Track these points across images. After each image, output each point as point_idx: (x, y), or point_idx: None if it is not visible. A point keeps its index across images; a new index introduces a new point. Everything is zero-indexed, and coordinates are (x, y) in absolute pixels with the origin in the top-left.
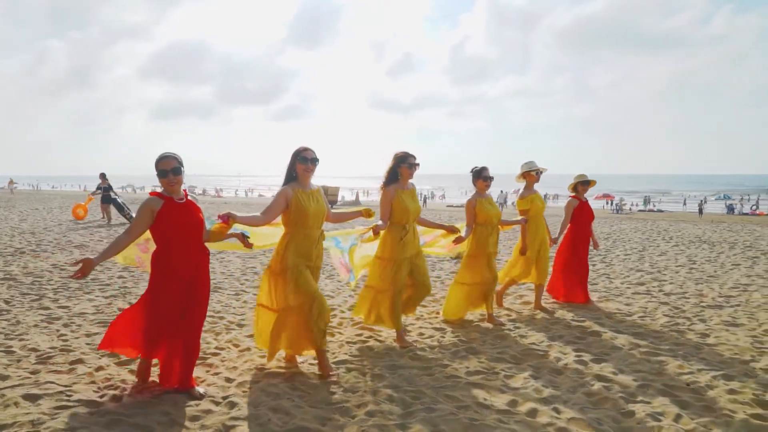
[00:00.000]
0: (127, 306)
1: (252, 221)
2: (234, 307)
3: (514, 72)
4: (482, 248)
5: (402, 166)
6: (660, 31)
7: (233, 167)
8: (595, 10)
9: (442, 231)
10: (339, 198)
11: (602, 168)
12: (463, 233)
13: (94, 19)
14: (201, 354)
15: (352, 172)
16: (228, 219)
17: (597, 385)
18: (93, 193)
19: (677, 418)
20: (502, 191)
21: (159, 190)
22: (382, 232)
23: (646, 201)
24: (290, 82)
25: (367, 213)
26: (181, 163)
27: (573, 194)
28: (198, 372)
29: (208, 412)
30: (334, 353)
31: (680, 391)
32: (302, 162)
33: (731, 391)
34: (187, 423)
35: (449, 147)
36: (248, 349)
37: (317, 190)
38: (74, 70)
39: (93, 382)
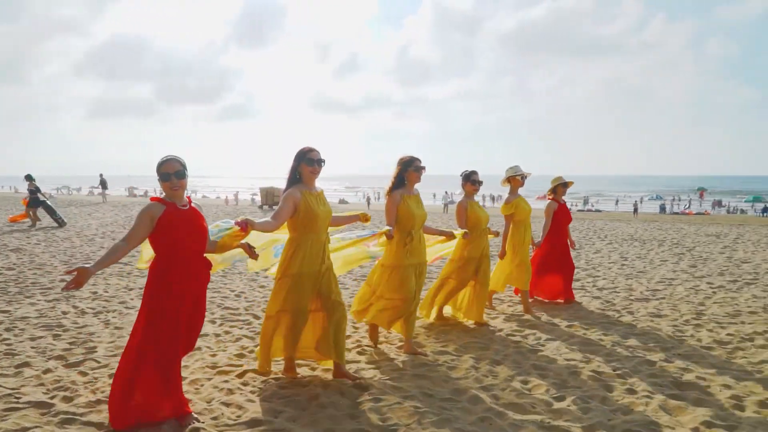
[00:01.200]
0: (72, 310)
1: (265, 227)
2: None
3: (458, 75)
4: (472, 252)
5: (409, 171)
6: (597, 37)
7: None
8: (536, 15)
9: (442, 237)
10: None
11: (544, 169)
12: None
13: (24, 11)
14: None
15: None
16: (246, 226)
17: (533, 373)
18: (27, 197)
19: (603, 400)
20: (447, 192)
21: (160, 195)
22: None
23: (585, 201)
24: (234, 82)
25: (364, 218)
26: (184, 167)
27: (552, 197)
28: None
29: None
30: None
31: (608, 377)
32: (309, 164)
33: (652, 375)
34: None
35: (395, 148)
36: (199, 348)
37: (322, 192)
38: (1, 64)
39: (42, 384)
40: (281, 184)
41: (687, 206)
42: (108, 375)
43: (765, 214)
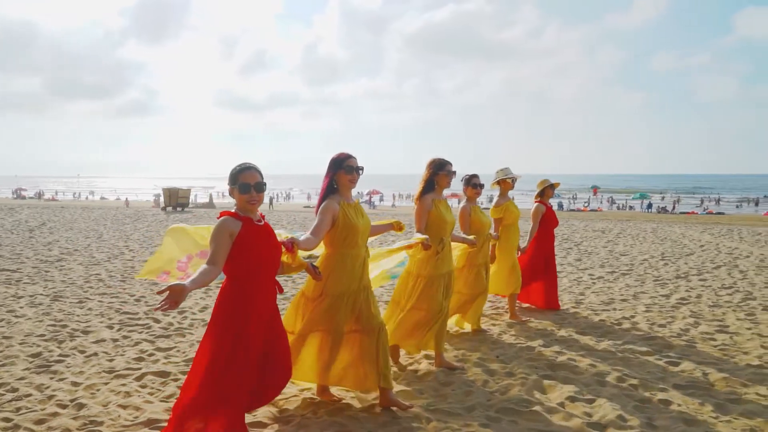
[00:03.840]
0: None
1: (307, 245)
2: (78, 315)
3: (366, 74)
4: (472, 259)
5: (440, 174)
6: (498, 41)
7: (71, 167)
8: (441, 18)
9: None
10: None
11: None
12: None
13: None
14: (44, 362)
15: (202, 173)
16: (293, 247)
17: (423, 362)
18: None
19: (484, 383)
20: (358, 192)
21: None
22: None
23: (490, 199)
24: (134, 77)
25: (399, 226)
26: (263, 177)
27: (539, 200)
28: (43, 379)
29: (55, 414)
30: (184, 351)
31: (490, 362)
32: (348, 172)
33: (530, 359)
34: (32, 426)
35: (302, 147)
36: (95, 354)
37: (358, 203)
38: None
39: None
40: (185, 184)
41: (586, 204)
42: None
43: (650, 210)
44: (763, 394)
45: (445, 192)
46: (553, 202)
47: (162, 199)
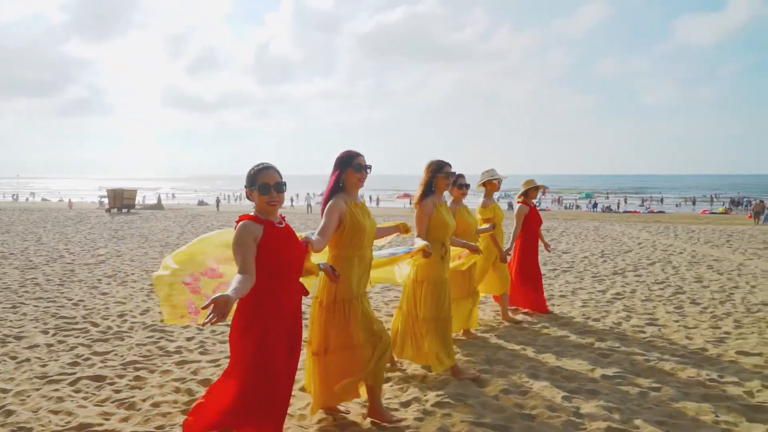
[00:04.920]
0: None
1: (318, 246)
2: (11, 320)
3: (319, 74)
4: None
5: (438, 177)
6: (450, 43)
7: (10, 167)
8: (393, 19)
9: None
10: (140, 201)
11: (402, 169)
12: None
13: None
14: None
15: (149, 173)
16: (306, 247)
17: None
18: None
19: (423, 379)
20: (309, 193)
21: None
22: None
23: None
24: (78, 74)
25: (405, 228)
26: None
27: (521, 200)
28: None
29: None
30: (122, 355)
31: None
32: (357, 170)
33: (468, 354)
34: None
35: (255, 147)
36: (27, 359)
37: (364, 203)
38: None
39: None
40: (132, 185)
41: (537, 203)
42: None
43: (595, 209)
44: (684, 382)
45: (397, 192)
46: (503, 204)
47: (107, 200)
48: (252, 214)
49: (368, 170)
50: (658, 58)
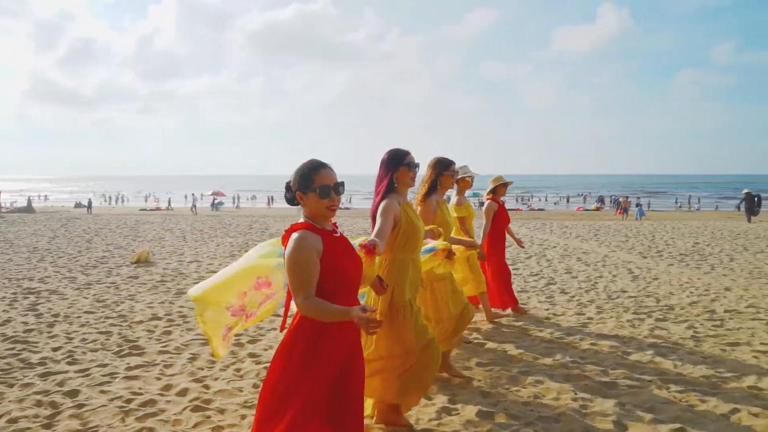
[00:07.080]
0: None
1: (382, 250)
2: None
3: (208, 71)
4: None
5: (444, 175)
6: (342, 43)
7: None
8: (285, 17)
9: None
10: (7, 204)
11: (294, 168)
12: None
13: None
14: None
15: (16, 174)
16: (374, 249)
17: (246, 361)
18: None
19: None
20: (194, 194)
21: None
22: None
23: (348, 200)
24: None
25: (438, 233)
26: None
27: (490, 197)
28: None
29: None
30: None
31: None
32: (410, 168)
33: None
34: None
35: (138, 146)
36: None
37: (411, 203)
38: None
39: None
40: None
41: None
42: None
43: (481, 208)
44: (548, 365)
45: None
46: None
47: None
48: (303, 221)
49: (418, 168)
50: (537, 65)
